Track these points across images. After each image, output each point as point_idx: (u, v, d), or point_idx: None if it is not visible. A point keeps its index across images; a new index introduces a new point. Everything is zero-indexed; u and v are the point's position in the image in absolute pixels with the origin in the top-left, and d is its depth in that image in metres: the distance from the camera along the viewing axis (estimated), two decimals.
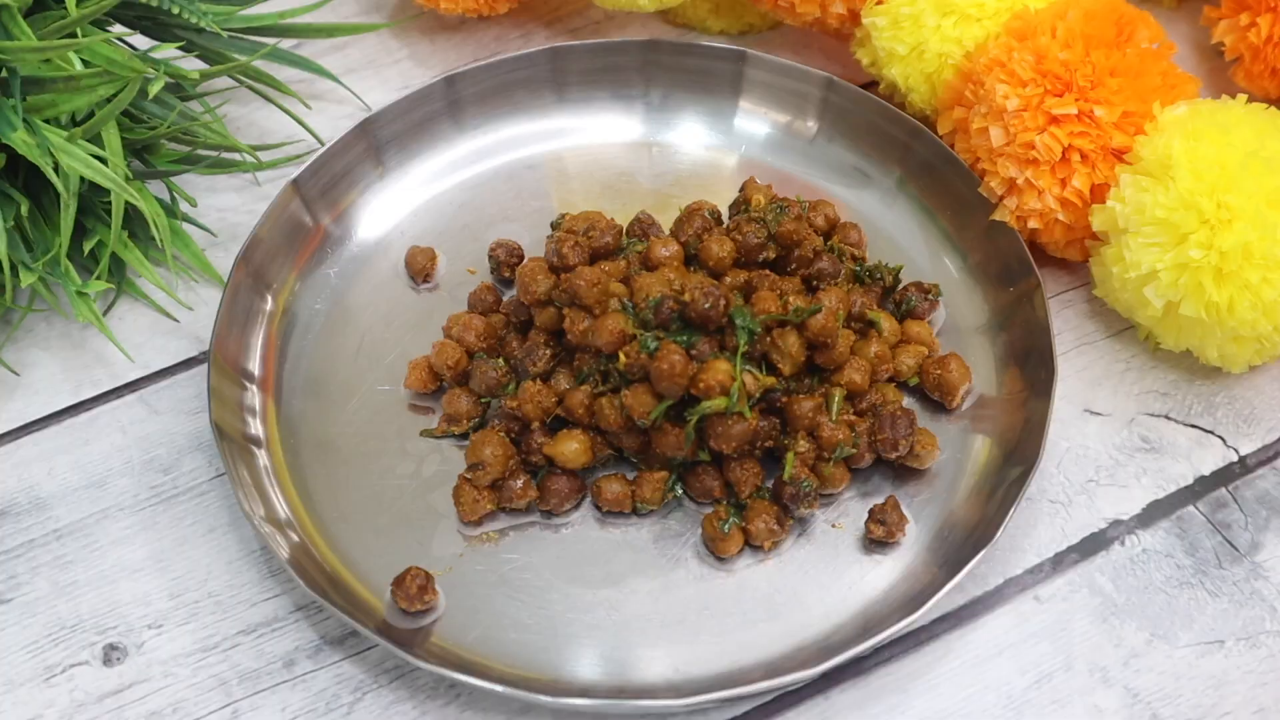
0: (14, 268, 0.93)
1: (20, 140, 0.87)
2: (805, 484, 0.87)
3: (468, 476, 0.88)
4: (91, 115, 0.91)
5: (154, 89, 0.91)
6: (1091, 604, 0.87)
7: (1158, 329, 0.94)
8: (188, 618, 0.88)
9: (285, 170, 1.07)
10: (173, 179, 1.02)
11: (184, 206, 1.03)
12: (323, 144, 1.05)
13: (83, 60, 0.91)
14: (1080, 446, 0.94)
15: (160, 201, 0.98)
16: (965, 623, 0.87)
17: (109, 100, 0.89)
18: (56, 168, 0.89)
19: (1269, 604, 0.87)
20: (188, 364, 0.99)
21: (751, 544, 0.88)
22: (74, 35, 0.89)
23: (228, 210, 1.06)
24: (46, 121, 0.90)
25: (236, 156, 1.06)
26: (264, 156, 1.07)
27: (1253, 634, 0.86)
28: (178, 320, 1.00)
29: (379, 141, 1.03)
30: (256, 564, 0.90)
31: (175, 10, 0.94)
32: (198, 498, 0.93)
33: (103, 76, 0.88)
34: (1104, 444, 0.94)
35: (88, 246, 0.95)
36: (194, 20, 0.94)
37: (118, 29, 1.03)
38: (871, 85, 1.09)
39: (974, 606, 0.88)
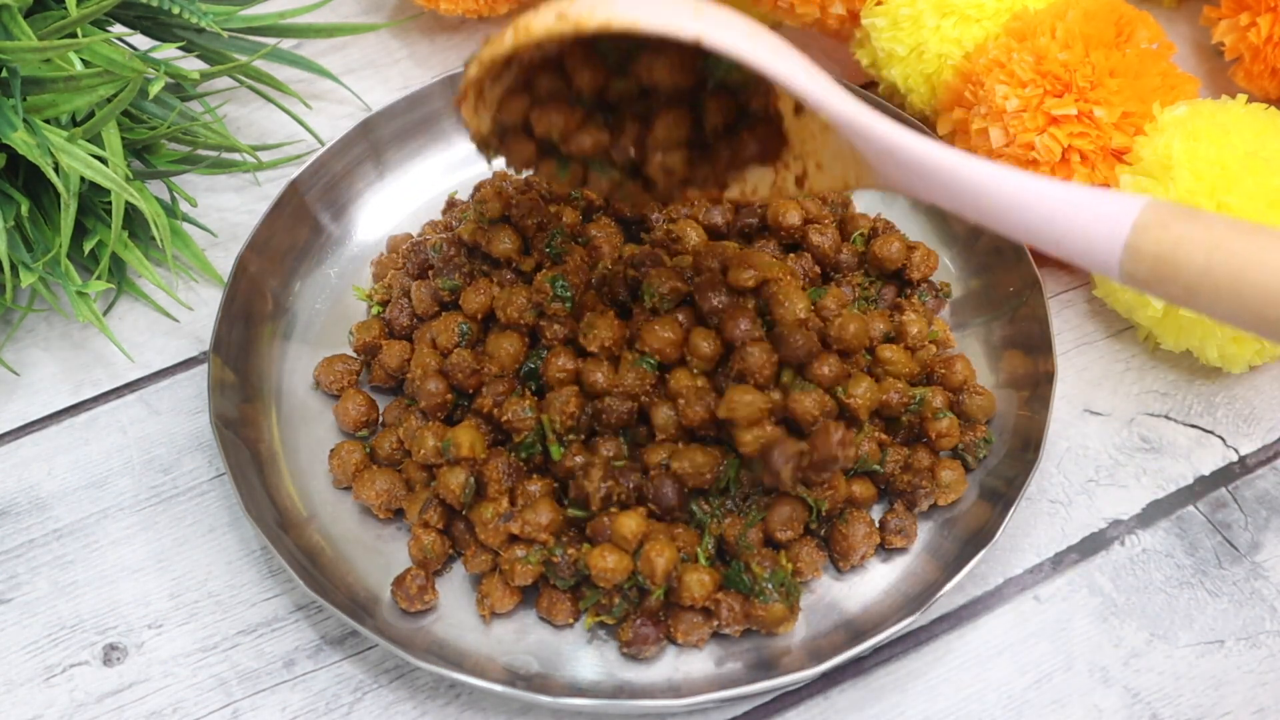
0: (14, 268, 0.93)
1: (20, 140, 0.87)
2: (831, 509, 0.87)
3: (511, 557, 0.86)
4: (92, 115, 0.91)
5: (154, 89, 0.91)
6: (1091, 604, 0.87)
7: (1158, 329, 0.93)
8: (188, 618, 0.88)
9: (285, 170, 1.07)
10: (173, 179, 1.02)
11: (184, 206, 1.03)
12: (323, 144, 1.05)
13: (83, 60, 0.90)
14: (1080, 446, 0.94)
15: (160, 201, 0.98)
16: (965, 623, 0.87)
17: (109, 100, 0.89)
18: (56, 168, 0.89)
19: (1269, 604, 0.87)
20: (188, 364, 0.99)
21: (799, 579, 0.87)
22: (74, 35, 0.88)
23: (228, 210, 1.06)
24: (47, 121, 0.90)
25: (237, 156, 1.06)
26: (264, 156, 1.07)
27: (1253, 634, 0.86)
28: (178, 320, 1.00)
29: (379, 141, 1.03)
30: (256, 564, 0.90)
31: (175, 10, 0.93)
32: (198, 498, 0.93)
33: (103, 76, 0.88)
34: (1104, 444, 0.94)
35: (88, 246, 0.95)
36: (194, 20, 0.94)
37: (118, 29, 1.03)
38: (871, 86, 1.09)
39: (974, 606, 0.88)
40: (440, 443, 0.85)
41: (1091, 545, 0.90)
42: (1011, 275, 0.95)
